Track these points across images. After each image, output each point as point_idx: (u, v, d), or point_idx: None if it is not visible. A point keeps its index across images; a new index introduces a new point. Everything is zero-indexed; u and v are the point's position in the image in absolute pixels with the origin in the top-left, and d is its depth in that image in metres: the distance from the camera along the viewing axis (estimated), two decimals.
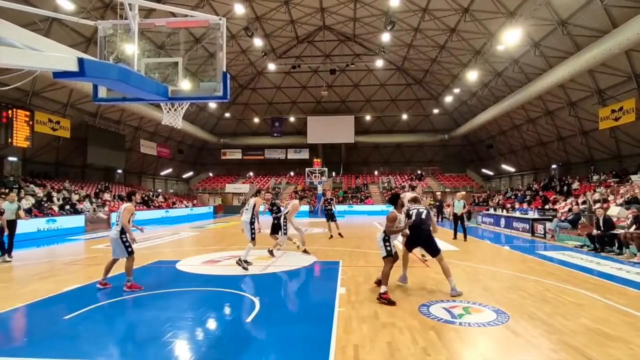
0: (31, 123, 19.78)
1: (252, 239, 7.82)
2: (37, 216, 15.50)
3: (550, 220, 13.76)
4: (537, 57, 20.38)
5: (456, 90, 30.27)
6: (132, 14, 4.05)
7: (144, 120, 29.14)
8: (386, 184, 37.52)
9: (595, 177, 20.98)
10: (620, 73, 17.20)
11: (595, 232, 10.23)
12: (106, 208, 21.47)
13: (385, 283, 5.53)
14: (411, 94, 37.29)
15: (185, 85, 4.64)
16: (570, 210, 15.12)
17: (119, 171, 30.20)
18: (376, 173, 40.55)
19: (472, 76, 24.97)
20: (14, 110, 18.85)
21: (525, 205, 21.17)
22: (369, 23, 27.92)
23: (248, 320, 4.71)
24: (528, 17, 17.99)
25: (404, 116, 37.73)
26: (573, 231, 12.82)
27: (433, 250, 6.04)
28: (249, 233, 7.85)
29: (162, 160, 35.55)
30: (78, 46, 18.60)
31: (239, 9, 22.30)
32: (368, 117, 38.58)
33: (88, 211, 19.44)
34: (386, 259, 5.74)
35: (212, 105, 33.96)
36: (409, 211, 6.12)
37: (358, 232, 15.82)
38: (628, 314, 4.86)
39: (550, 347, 3.83)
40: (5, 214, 9.14)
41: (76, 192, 21.71)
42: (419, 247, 6.94)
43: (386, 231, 5.79)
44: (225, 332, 4.47)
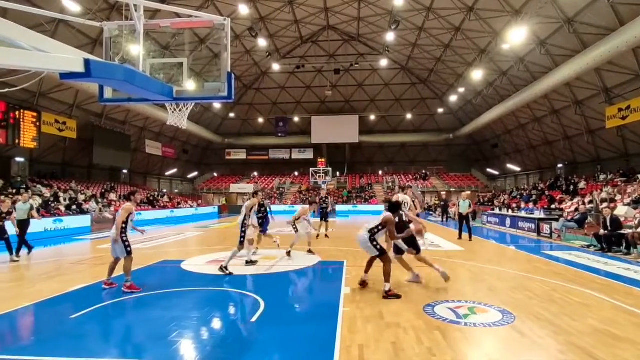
0: (38, 124, 19.96)
1: (240, 243, 7.28)
2: (45, 216, 15.63)
3: (556, 220, 13.65)
4: (543, 56, 20.23)
5: (461, 89, 30.14)
6: (138, 15, 4.07)
7: (149, 120, 29.31)
8: (391, 184, 37.43)
9: (602, 177, 20.79)
10: (627, 71, 17.03)
11: (602, 232, 10.14)
12: (112, 208, 21.61)
13: (388, 280, 5.60)
14: (416, 94, 37.17)
15: (190, 85, 4.66)
16: (576, 210, 14.99)
17: (125, 171, 30.41)
18: (380, 173, 40.48)
19: (477, 75, 24.84)
20: (21, 111, 19.04)
21: (531, 204, 21.03)
22: (373, 22, 27.87)
23: (253, 320, 4.72)
24: (534, 16, 17.87)
25: (409, 116, 37.63)
26: (580, 231, 12.72)
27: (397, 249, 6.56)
28: (239, 237, 7.31)
29: (167, 160, 35.73)
30: (84, 47, 18.73)
31: (244, 10, 22.38)
32: (372, 117, 38.53)
33: (94, 211, 19.59)
34: (383, 258, 5.79)
35: (217, 105, 34.08)
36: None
37: None
38: (636, 315, 4.81)
39: (557, 348, 3.80)
40: (13, 214, 9.26)
41: (82, 193, 21.89)
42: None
43: (391, 238, 5.99)
44: (230, 332, 4.48)
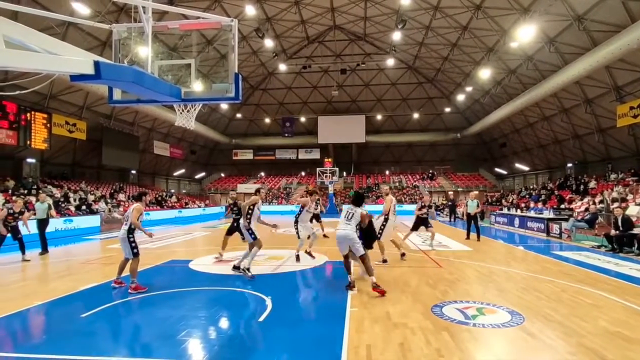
0: (49, 125, 20.26)
1: (254, 239, 6.95)
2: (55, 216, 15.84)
3: (566, 219, 13.49)
4: (552, 54, 19.98)
5: (468, 88, 29.92)
6: (146, 17, 4.11)
7: (157, 121, 29.57)
8: (397, 184, 37.30)
9: (612, 176, 20.49)
10: (639, 69, 16.75)
11: (613, 232, 10.00)
12: (121, 208, 21.84)
13: (372, 273, 5.92)
14: (423, 93, 36.99)
15: (197, 86, 4.69)
16: (587, 209, 14.80)
17: (133, 172, 30.70)
18: (387, 173, 40.34)
19: (485, 74, 24.64)
20: (32, 113, 19.34)
21: (540, 204, 20.81)
22: (380, 22, 27.78)
23: (260, 319, 4.74)
24: (543, 13, 17.66)
25: (416, 115, 37.46)
26: (590, 231, 12.56)
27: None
28: (249, 236, 7.00)
29: (175, 161, 36.01)
30: (93, 50, 18.96)
31: (250, 10, 22.46)
32: (379, 117, 38.41)
33: (103, 211, 19.82)
34: (365, 254, 6.06)
35: (224, 106, 34.26)
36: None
37: None
38: None
39: (567, 350, 3.76)
40: (25, 214, 9.43)
41: (92, 193, 22.15)
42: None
43: (365, 225, 6.46)
44: (237, 331, 4.50)
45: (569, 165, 26.07)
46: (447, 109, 36.39)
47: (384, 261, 8.24)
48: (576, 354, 3.65)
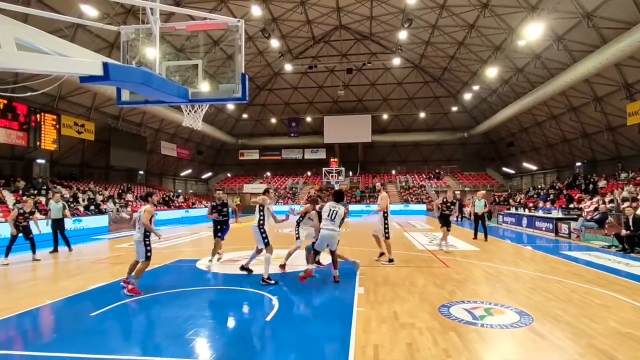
0: (58, 126, 20.53)
1: (267, 245, 6.66)
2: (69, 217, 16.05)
3: (575, 219, 13.34)
4: (561, 52, 19.75)
5: (475, 87, 29.72)
6: (154, 19, 4.14)
7: (165, 122, 29.79)
8: (404, 183, 37.17)
9: (623, 175, 20.22)
10: None
11: (624, 232, 9.86)
12: (129, 208, 22.05)
13: (337, 267, 6.67)
14: (429, 92, 36.81)
15: (204, 87, 4.72)
16: (596, 209, 14.61)
17: (141, 172, 30.97)
18: (394, 172, 40.21)
19: (492, 73, 24.47)
20: (42, 114, 19.61)
21: (548, 204, 20.60)
22: (386, 21, 27.71)
23: (267, 319, 4.75)
24: (551, 11, 17.48)
25: (422, 114, 37.29)
26: (600, 231, 12.40)
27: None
28: (261, 240, 6.67)
29: (182, 161, 36.26)
30: (101, 51, 19.15)
31: (256, 11, 22.54)
32: (385, 116, 38.32)
33: (112, 211, 20.02)
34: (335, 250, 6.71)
35: (230, 106, 34.41)
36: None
37: None
38: None
39: (577, 351, 3.71)
40: (36, 214, 9.57)
41: (100, 193, 22.39)
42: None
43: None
44: (245, 331, 4.52)
45: (578, 164, 25.77)
46: (454, 108, 36.17)
47: (390, 260, 8.20)
48: (586, 355, 3.61)
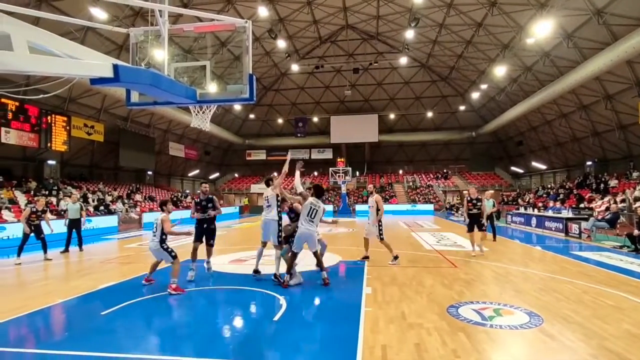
0: (68, 128, 20.82)
1: (280, 243, 6.55)
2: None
3: (586, 219, 13.16)
4: (570, 49, 19.50)
5: (483, 86, 29.46)
6: (162, 20, 4.18)
7: (173, 123, 30.04)
8: (411, 183, 37.00)
9: (635, 174, 19.90)
10: None
11: (636, 232, 9.73)
12: (138, 209, 22.27)
13: (324, 269, 6.46)
14: (436, 91, 36.59)
15: (212, 88, 4.75)
16: (607, 209, 14.40)
17: (149, 173, 31.26)
18: (401, 172, 40.05)
19: (500, 71, 24.24)
20: (53, 116, 19.90)
21: (558, 203, 20.34)
22: (393, 20, 27.61)
23: (275, 318, 4.76)
24: (560, 8, 17.26)
25: (429, 114, 37.11)
26: (611, 231, 12.23)
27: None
28: (275, 235, 6.52)
29: (190, 161, 36.52)
30: (110, 53, 19.39)
31: (263, 12, 22.62)
32: (392, 116, 38.18)
33: (121, 212, 20.23)
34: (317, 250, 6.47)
35: (237, 107, 34.58)
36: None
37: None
38: None
39: (589, 352, 3.67)
40: (47, 214, 9.74)
41: (109, 194, 22.65)
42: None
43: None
44: (252, 330, 4.54)
45: (589, 163, 25.42)
46: (462, 107, 35.91)
47: (395, 257, 8.17)
48: (597, 357, 3.56)
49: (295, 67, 32.24)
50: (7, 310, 5.07)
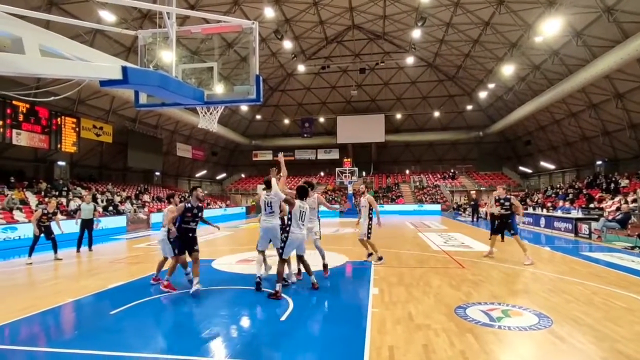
0: (77, 129, 21.09)
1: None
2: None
3: (596, 219, 12.97)
4: (580, 48, 19.26)
5: (491, 85, 29.23)
6: (170, 22, 4.22)
7: (180, 124, 30.26)
8: (418, 183, 36.84)
9: None
10: None
11: None
12: (146, 209, 22.45)
13: (311, 273, 6.19)
14: (443, 91, 36.39)
15: (219, 89, 4.78)
16: (618, 209, 14.20)
17: (157, 173, 31.53)
18: (407, 172, 39.89)
19: (508, 70, 24.04)
20: (63, 117, 20.17)
21: (567, 204, 20.09)
22: (399, 20, 27.52)
23: (282, 319, 4.77)
24: (569, 6, 17.06)
25: (436, 114, 36.92)
26: (622, 231, 12.04)
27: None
28: (279, 241, 5.99)
29: (197, 162, 36.76)
30: (119, 55, 19.60)
31: (269, 13, 22.69)
32: (399, 116, 38.04)
33: (129, 212, 20.42)
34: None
35: (244, 108, 34.72)
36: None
37: (389, 232, 15.62)
38: None
39: (600, 355, 3.62)
40: (58, 215, 9.89)
41: (118, 194, 22.87)
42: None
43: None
44: (259, 330, 4.56)
45: (599, 162, 25.08)
46: (469, 107, 35.66)
47: (380, 259, 8.21)
48: (609, 359, 3.51)
49: (301, 68, 32.28)
50: (18, 309, 5.15)
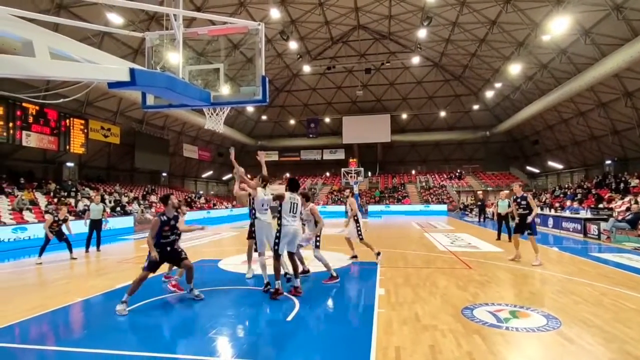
0: (86, 131, 21.32)
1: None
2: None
3: (605, 220, 12.82)
4: (588, 46, 19.06)
5: (497, 84, 29.04)
6: (177, 24, 4.25)
7: (186, 125, 30.47)
8: (424, 183, 36.68)
9: None
10: None
11: None
12: (153, 209, 22.62)
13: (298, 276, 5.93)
14: (449, 91, 36.22)
15: (225, 90, 4.81)
16: (628, 209, 14.00)
17: (164, 174, 31.76)
18: (413, 172, 39.75)
19: (515, 69, 23.87)
20: (71, 119, 20.40)
21: (575, 204, 19.86)
22: (405, 20, 27.45)
23: (288, 319, 4.78)
24: (577, 4, 16.89)
25: (442, 113, 36.75)
26: (632, 232, 11.87)
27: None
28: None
29: (203, 163, 36.97)
30: (126, 57, 19.73)
31: (275, 14, 22.77)
32: (404, 116, 37.94)
33: (137, 212, 20.59)
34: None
35: (250, 108, 34.86)
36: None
37: (396, 233, 15.58)
38: None
39: (609, 357, 3.57)
40: (69, 220, 10.00)
41: (125, 195, 23.07)
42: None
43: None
44: (265, 330, 4.57)
45: (608, 162, 24.79)
46: (475, 107, 35.47)
47: (378, 254, 8.24)
48: None
49: (307, 68, 32.33)
50: (28, 308, 5.22)
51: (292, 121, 39.86)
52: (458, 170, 37.66)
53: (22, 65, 2.73)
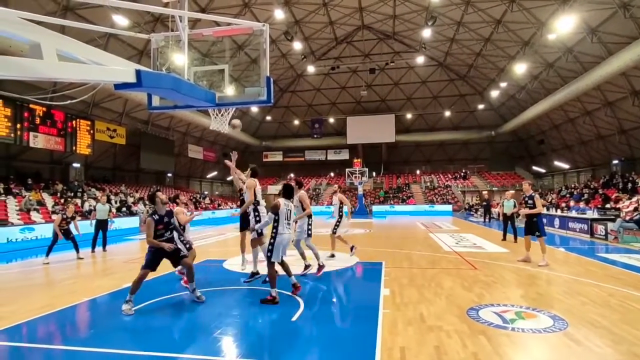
0: (92, 132, 21.50)
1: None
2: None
3: (612, 220, 12.71)
4: (595, 45, 18.89)
5: (503, 84, 28.88)
6: (182, 26, 4.28)
7: (191, 126, 30.61)
8: (429, 184, 36.55)
9: None
10: None
11: None
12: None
13: (291, 274, 5.84)
14: (454, 90, 36.07)
15: (230, 91, 4.82)
16: (636, 209, 13.87)
17: (169, 175, 31.93)
18: (418, 172, 39.63)
19: (521, 69, 23.74)
20: (78, 120, 20.58)
21: (582, 204, 19.69)
22: (409, 19, 27.38)
23: (293, 319, 4.79)
24: (584, 2, 16.76)
25: (447, 113, 36.60)
26: None
27: None
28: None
29: (208, 163, 37.12)
30: (131, 58, 19.88)
31: (279, 14, 22.81)
32: (409, 116, 37.84)
33: (142, 213, 20.71)
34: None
35: (254, 109, 34.95)
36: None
37: (400, 233, 15.54)
38: None
39: (617, 358, 3.54)
40: (76, 219, 10.10)
41: (131, 195, 23.23)
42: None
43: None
44: (270, 330, 4.58)
45: (615, 162, 24.56)
46: (480, 106, 35.27)
47: (332, 256, 8.66)
48: None
49: (311, 69, 32.35)
50: (35, 308, 5.28)
51: (297, 121, 39.92)
52: (463, 170, 37.50)
53: (31, 67, 2.76)
